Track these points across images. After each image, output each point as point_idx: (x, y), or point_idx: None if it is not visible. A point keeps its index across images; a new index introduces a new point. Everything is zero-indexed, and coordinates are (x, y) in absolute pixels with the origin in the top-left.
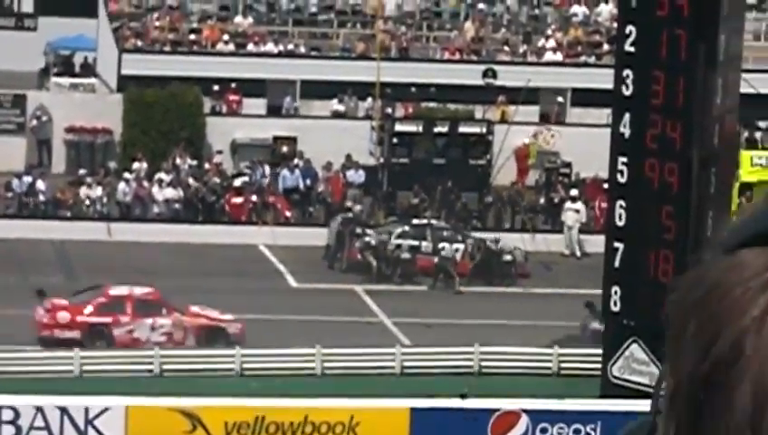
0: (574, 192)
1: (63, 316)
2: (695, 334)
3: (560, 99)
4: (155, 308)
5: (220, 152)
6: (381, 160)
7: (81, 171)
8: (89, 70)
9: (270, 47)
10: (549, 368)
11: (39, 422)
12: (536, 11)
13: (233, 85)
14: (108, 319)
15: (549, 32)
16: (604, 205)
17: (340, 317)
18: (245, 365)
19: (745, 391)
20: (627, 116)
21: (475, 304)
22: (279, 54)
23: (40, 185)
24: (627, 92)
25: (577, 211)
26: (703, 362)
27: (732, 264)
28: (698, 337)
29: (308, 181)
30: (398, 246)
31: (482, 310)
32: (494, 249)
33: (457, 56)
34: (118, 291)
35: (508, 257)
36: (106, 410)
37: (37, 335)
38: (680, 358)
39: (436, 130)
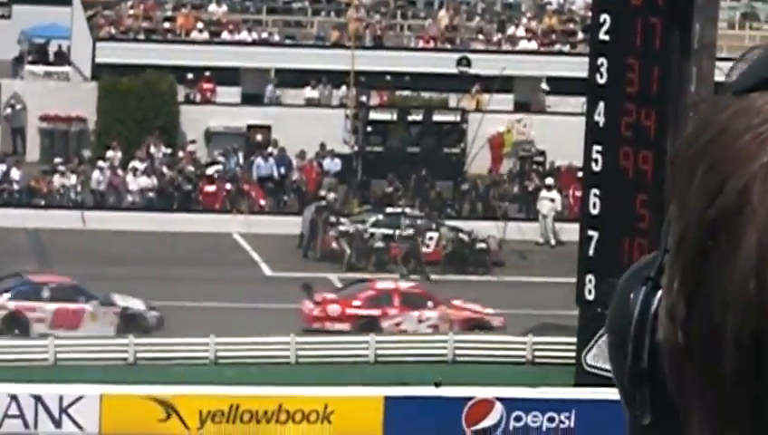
0: (549, 181)
1: (334, 309)
2: (701, 181)
3: (544, 86)
4: (421, 301)
5: (193, 142)
6: (356, 149)
7: (56, 160)
8: (63, 58)
9: (244, 35)
10: (523, 356)
11: (13, 410)
12: None
13: (207, 73)
14: (376, 311)
15: (523, 20)
16: (579, 193)
17: None
18: (220, 353)
19: (751, 239)
20: (601, 104)
21: (449, 292)
22: (253, 43)
23: (14, 173)
24: (601, 81)
25: (552, 200)
26: (709, 209)
27: (740, 108)
28: (704, 184)
29: (282, 170)
30: (372, 235)
31: (455, 298)
32: (468, 237)
33: (432, 44)
34: (385, 285)
35: (482, 245)
36: (80, 398)
37: (308, 327)
38: (687, 204)
39: (411, 118)
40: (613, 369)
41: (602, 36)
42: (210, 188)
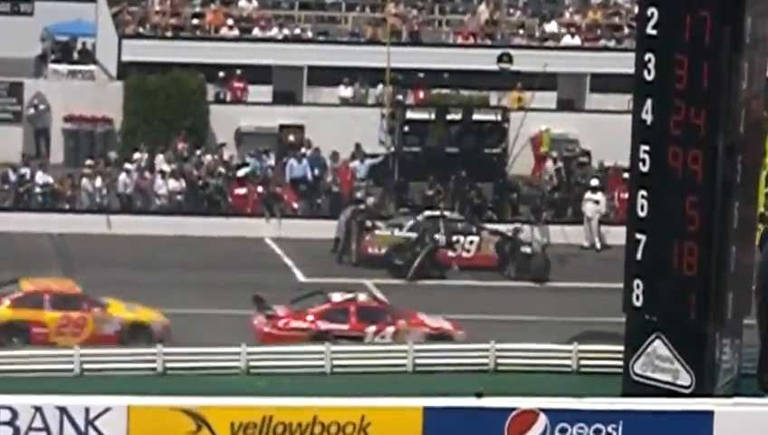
0: (594, 182)
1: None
2: None
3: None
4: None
5: (224, 144)
6: (392, 149)
7: (83, 162)
8: (88, 56)
9: (275, 32)
10: (568, 365)
11: (38, 423)
12: None
13: (237, 72)
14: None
15: (566, 14)
16: (625, 195)
17: None
18: (252, 363)
19: None
20: (649, 102)
21: (492, 298)
22: (285, 39)
23: (38, 177)
24: (648, 77)
25: (597, 202)
26: None
27: None
28: None
29: (316, 171)
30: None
31: (498, 305)
32: (513, 242)
33: (471, 40)
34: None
35: (526, 250)
36: (107, 409)
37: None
38: None
39: (450, 117)
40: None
41: (650, 31)
42: (241, 191)
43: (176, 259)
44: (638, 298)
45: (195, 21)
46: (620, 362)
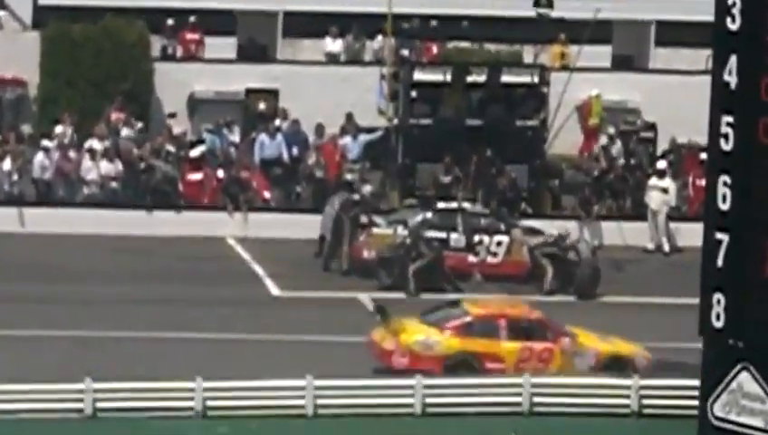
0: (661, 164)
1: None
2: None
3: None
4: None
5: (172, 115)
6: (395, 122)
7: None
8: None
9: None
10: (626, 405)
11: None
12: None
13: (191, 19)
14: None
15: None
16: (702, 182)
17: (338, 337)
18: (210, 403)
19: None
20: (733, 59)
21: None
22: None
23: None
24: (733, 26)
25: (664, 190)
26: None
27: None
28: None
29: (294, 150)
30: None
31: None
32: (556, 245)
33: None
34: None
35: (571, 255)
36: None
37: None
38: None
39: (471, 79)
40: None
41: None
42: (195, 177)
43: (109, 266)
44: (718, 317)
45: None
46: (695, 402)
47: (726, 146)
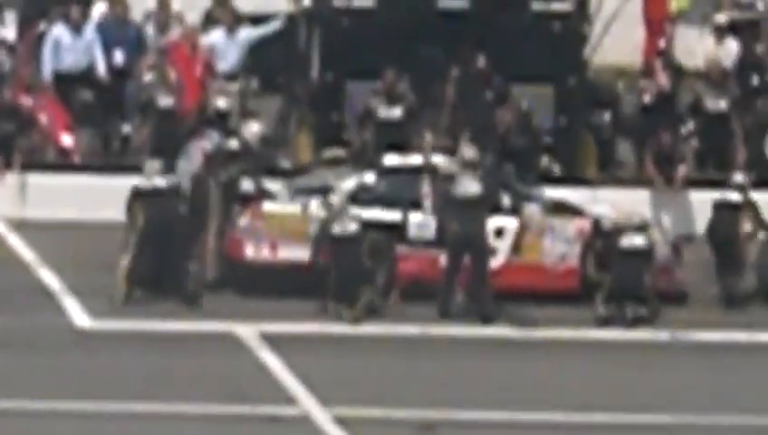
0: None
1: None
2: None
3: None
4: None
5: None
6: (306, 3)
7: None
8: None
9: None
10: None
11: None
12: None
13: None
14: None
15: None
16: None
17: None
18: None
19: None
20: None
21: (547, 367)
22: None
23: None
24: None
25: None
26: None
27: None
28: None
29: (118, 57)
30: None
31: (560, 380)
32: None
33: None
34: None
35: (638, 242)
36: None
37: None
38: None
39: None
40: None
41: None
42: None
43: None
44: None
45: None
46: None
47: None
